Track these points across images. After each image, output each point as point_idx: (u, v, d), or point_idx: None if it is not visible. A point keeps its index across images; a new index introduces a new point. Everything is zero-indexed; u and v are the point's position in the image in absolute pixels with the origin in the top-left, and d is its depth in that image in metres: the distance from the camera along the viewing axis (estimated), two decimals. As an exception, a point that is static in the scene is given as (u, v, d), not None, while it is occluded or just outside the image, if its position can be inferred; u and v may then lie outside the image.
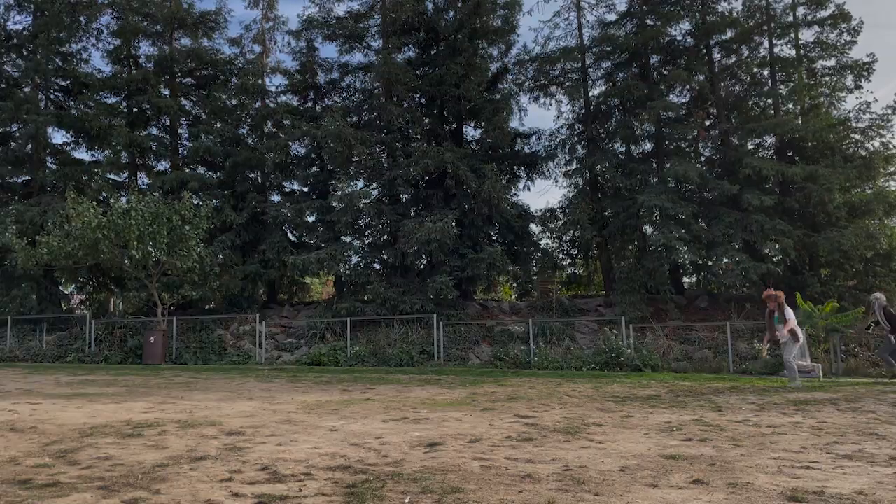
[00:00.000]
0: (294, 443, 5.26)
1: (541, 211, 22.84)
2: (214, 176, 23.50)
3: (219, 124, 23.72)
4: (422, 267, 20.64)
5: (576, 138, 23.32)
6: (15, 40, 24.04)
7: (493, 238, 21.39)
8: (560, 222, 22.66)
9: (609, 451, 4.89)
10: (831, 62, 20.48)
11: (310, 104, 24.51)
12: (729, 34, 20.85)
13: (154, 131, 24.96)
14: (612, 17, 22.67)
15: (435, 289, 18.08)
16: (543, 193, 79.94)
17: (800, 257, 18.58)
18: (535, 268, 22.96)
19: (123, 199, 20.03)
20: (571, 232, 22.09)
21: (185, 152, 24.15)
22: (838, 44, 20.16)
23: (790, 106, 20.71)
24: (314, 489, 3.77)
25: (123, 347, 18.40)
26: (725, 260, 18.58)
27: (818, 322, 13.84)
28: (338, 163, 20.82)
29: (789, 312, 10.52)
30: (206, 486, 3.85)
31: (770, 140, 20.60)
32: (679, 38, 21.54)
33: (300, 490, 3.75)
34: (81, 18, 23.92)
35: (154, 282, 18.66)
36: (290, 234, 22.74)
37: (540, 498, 3.57)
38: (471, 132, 23.64)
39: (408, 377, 12.19)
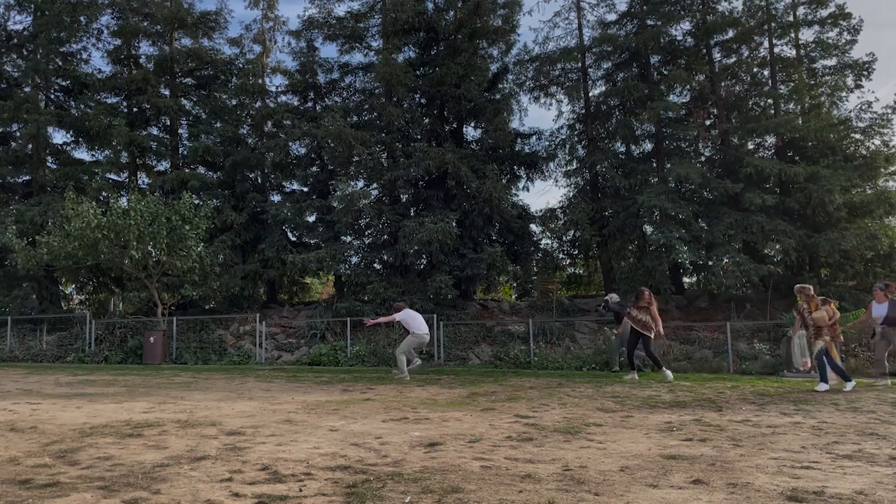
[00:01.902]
0: (294, 443, 5.26)
1: (541, 211, 22.84)
2: (214, 176, 23.50)
3: (219, 124, 23.72)
4: (422, 267, 20.64)
5: (576, 138, 23.32)
6: (15, 40, 24.04)
7: (493, 238, 21.39)
8: (560, 222, 22.65)
9: (609, 451, 4.89)
10: (832, 62, 20.49)
11: (310, 104, 24.52)
12: (729, 34, 20.86)
13: (154, 131, 24.96)
14: (612, 17, 22.70)
15: (435, 289, 18.09)
16: (543, 193, 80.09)
17: (800, 258, 18.58)
18: (535, 268, 22.95)
19: (123, 200, 20.04)
20: (571, 232, 22.09)
21: (185, 152, 24.14)
22: (839, 43, 20.17)
23: (790, 106, 20.71)
24: (314, 489, 3.77)
25: (123, 347, 18.39)
26: (726, 260, 18.57)
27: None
28: (338, 163, 20.82)
29: (402, 314, 12.23)
30: (206, 486, 3.85)
31: (770, 140, 20.61)
32: (679, 38, 21.54)
33: (300, 490, 3.74)
34: (81, 18, 23.91)
35: (154, 282, 18.66)
36: (290, 234, 22.75)
37: (540, 498, 3.57)
38: (471, 132, 23.67)
39: (408, 377, 12.17)
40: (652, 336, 11.38)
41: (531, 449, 5.00)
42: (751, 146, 20.71)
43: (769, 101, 20.59)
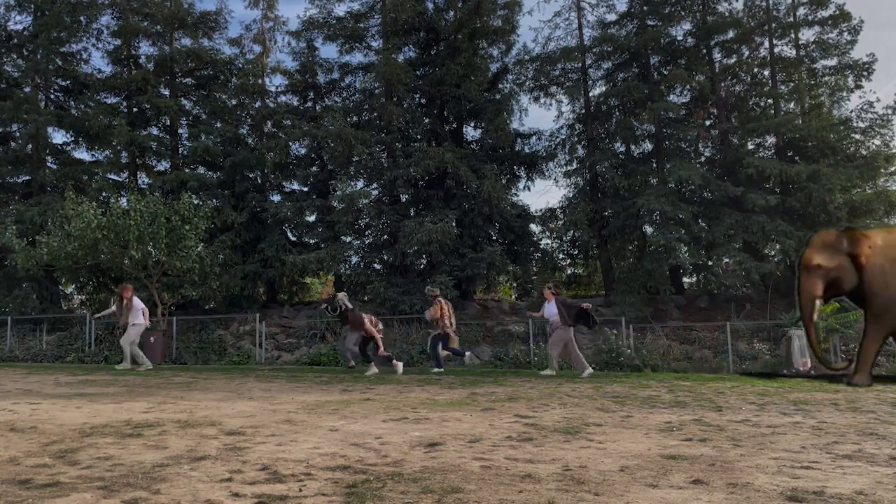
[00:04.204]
0: (294, 443, 5.26)
1: (541, 211, 22.85)
2: (214, 176, 23.48)
3: (219, 124, 23.70)
4: (422, 267, 20.65)
5: (576, 138, 23.33)
6: (15, 40, 24.02)
7: (493, 238, 21.39)
8: (560, 222, 22.66)
9: (609, 451, 4.89)
10: (832, 62, 20.53)
11: (310, 104, 24.51)
12: (730, 34, 20.87)
13: (154, 131, 24.93)
14: (612, 17, 22.71)
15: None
16: (543, 193, 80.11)
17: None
18: (535, 268, 22.96)
19: (123, 200, 20.02)
20: (571, 232, 22.11)
21: (185, 152, 24.13)
22: (839, 44, 20.20)
23: (791, 106, 20.73)
24: (314, 489, 3.77)
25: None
26: (726, 259, 18.60)
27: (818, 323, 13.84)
28: (338, 163, 20.82)
29: (137, 304, 13.90)
30: (206, 486, 3.85)
31: (770, 140, 20.63)
32: (679, 38, 21.56)
33: (300, 490, 3.75)
34: (81, 18, 23.88)
35: (154, 282, 18.64)
36: (289, 234, 22.75)
37: (540, 498, 3.57)
38: (471, 132, 23.66)
39: (408, 377, 12.18)
40: (377, 336, 12.91)
41: (531, 449, 5.00)
42: (751, 146, 20.73)
43: (769, 101, 20.61)
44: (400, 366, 12.76)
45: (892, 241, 10.57)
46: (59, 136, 25.06)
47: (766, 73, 21.10)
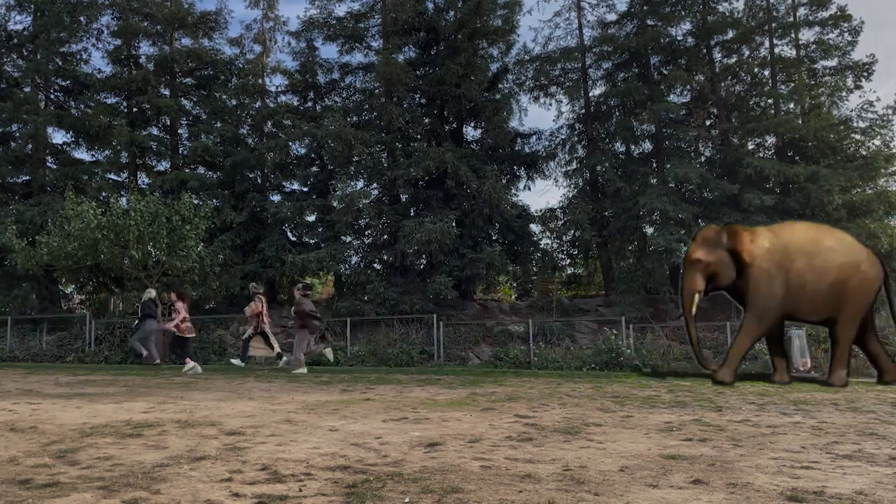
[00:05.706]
0: (294, 443, 5.25)
1: (541, 211, 22.87)
2: (214, 176, 23.48)
3: (219, 124, 23.71)
4: (422, 267, 20.65)
5: (576, 138, 23.34)
6: (15, 40, 24.02)
7: (493, 238, 21.40)
8: (560, 222, 22.68)
9: (609, 451, 4.89)
10: (832, 62, 20.55)
11: (310, 104, 24.52)
12: (730, 34, 20.88)
13: (154, 131, 24.95)
14: (612, 17, 22.74)
15: (434, 289, 18.09)
16: (543, 193, 80.00)
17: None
18: (535, 268, 22.97)
19: (123, 200, 20.02)
20: (571, 232, 22.11)
21: (185, 152, 24.14)
22: (839, 44, 20.21)
23: (791, 106, 20.73)
24: (314, 489, 3.77)
25: (123, 347, 18.37)
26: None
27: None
28: (338, 163, 20.82)
29: None
30: (206, 486, 3.85)
31: (770, 140, 20.63)
32: (680, 38, 21.57)
33: (300, 490, 3.74)
34: (81, 18, 23.89)
35: (154, 282, 18.62)
36: (289, 234, 22.75)
37: (540, 498, 3.57)
38: (471, 132, 23.68)
39: (408, 377, 12.18)
40: (190, 335, 13.62)
41: (531, 449, 5.00)
42: (751, 146, 20.75)
43: (769, 101, 20.62)
44: (196, 367, 13.06)
45: (780, 245, 10.49)
46: (59, 136, 25.08)
47: (766, 73, 21.11)
